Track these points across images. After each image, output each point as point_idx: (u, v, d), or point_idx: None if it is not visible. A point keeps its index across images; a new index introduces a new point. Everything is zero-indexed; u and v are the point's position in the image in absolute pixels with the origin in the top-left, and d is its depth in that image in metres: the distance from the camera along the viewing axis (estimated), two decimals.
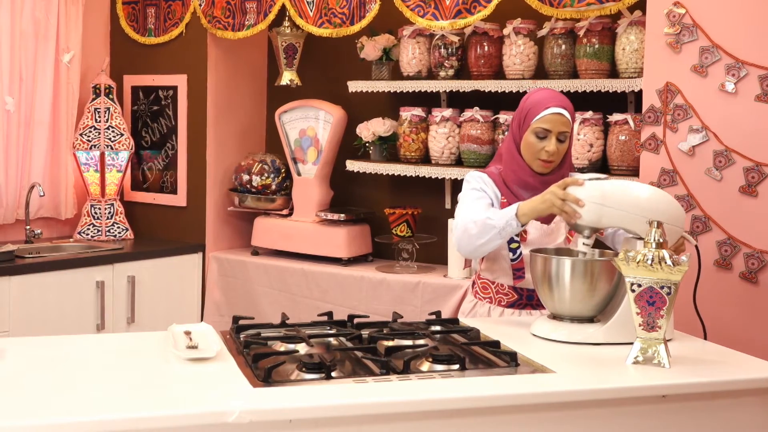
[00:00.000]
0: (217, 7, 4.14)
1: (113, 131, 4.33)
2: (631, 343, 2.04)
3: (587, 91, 3.28)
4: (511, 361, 1.97)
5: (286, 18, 4.04)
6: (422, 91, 3.70)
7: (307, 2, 3.84)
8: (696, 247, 2.36)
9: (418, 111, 3.72)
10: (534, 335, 2.27)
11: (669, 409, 1.88)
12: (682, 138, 2.84)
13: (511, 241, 2.47)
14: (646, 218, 2.12)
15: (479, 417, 1.77)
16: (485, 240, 2.36)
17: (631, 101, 3.30)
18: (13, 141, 4.05)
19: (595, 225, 2.23)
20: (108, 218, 4.35)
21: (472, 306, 2.63)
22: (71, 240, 4.27)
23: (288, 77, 4.14)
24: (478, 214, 2.39)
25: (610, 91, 3.23)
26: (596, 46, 3.25)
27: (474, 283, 2.68)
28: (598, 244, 2.47)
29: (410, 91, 3.73)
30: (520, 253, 2.49)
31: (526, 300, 2.54)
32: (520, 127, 2.49)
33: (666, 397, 1.87)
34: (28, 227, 4.09)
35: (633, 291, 1.99)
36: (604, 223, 2.22)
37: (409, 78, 3.76)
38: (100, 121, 4.31)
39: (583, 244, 2.26)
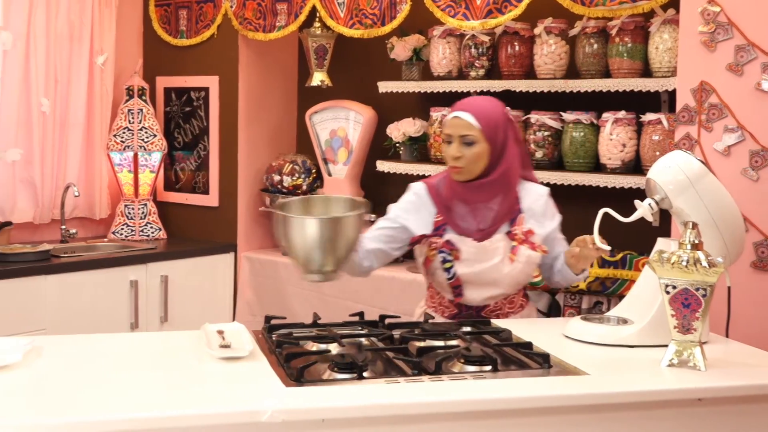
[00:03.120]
0: (248, 9, 4.17)
1: (146, 132, 4.37)
2: (666, 346, 2.01)
3: (620, 90, 3.25)
4: (543, 362, 1.96)
5: (317, 19, 4.05)
6: (453, 91, 3.70)
7: (338, 3, 3.85)
8: None
9: (449, 111, 3.71)
10: (566, 337, 2.25)
11: (705, 413, 1.86)
12: (717, 138, 2.81)
13: (444, 261, 2.43)
14: (714, 219, 2.11)
15: (512, 419, 1.76)
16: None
17: (664, 101, 3.27)
18: (49, 142, 4.11)
19: (670, 196, 2.19)
20: (141, 218, 4.39)
21: (421, 312, 2.61)
22: (105, 240, 4.32)
23: (318, 78, 4.16)
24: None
25: (643, 90, 3.20)
26: (629, 45, 3.22)
27: (428, 288, 2.63)
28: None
29: (440, 91, 3.72)
30: (455, 273, 2.44)
31: (466, 315, 2.50)
32: None
33: (702, 400, 1.85)
34: (63, 227, 4.14)
35: (668, 293, 1.97)
36: (678, 202, 2.18)
37: (439, 78, 3.75)
38: (133, 123, 4.36)
39: (649, 204, 2.22)
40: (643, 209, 2.23)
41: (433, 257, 2.45)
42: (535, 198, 2.51)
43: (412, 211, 2.51)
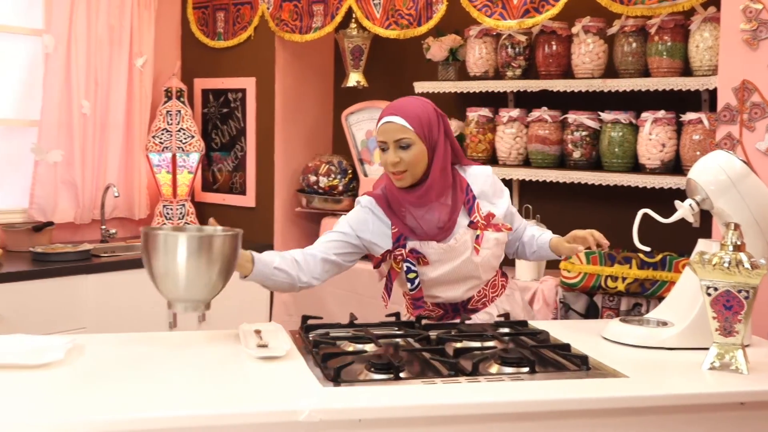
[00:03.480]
0: (285, 11, 4.19)
1: (184, 133, 4.41)
2: (707, 349, 1.99)
3: (659, 90, 3.21)
4: (581, 364, 1.94)
5: (353, 20, 4.06)
6: (489, 91, 3.68)
7: (374, 4, 3.85)
8: None
9: (485, 111, 3.70)
10: (605, 339, 2.23)
11: (747, 417, 1.83)
12: (760, 137, 2.76)
13: (408, 271, 2.38)
14: (757, 220, 2.09)
15: (549, 421, 1.75)
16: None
17: (705, 100, 3.22)
18: (89, 143, 4.17)
19: (712, 197, 2.16)
20: (179, 218, 4.44)
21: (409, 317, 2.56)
22: None
23: (354, 79, 4.17)
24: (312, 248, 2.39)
25: (683, 89, 3.16)
26: (668, 43, 3.18)
27: (404, 294, 2.58)
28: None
29: (477, 91, 3.71)
30: (419, 283, 2.40)
31: (452, 312, 2.47)
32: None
33: (744, 404, 1.82)
34: (103, 227, 4.20)
35: (709, 295, 1.94)
36: (720, 203, 2.16)
37: (475, 78, 3.74)
38: (171, 124, 4.40)
39: (690, 205, 2.20)
40: (684, 210, 2.20)
41: (399, 269, 2.40)
42: (483, 180, 2.47)
43: (368, 224, 2.43)
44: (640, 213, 2.26)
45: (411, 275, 2.39)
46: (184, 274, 2.00)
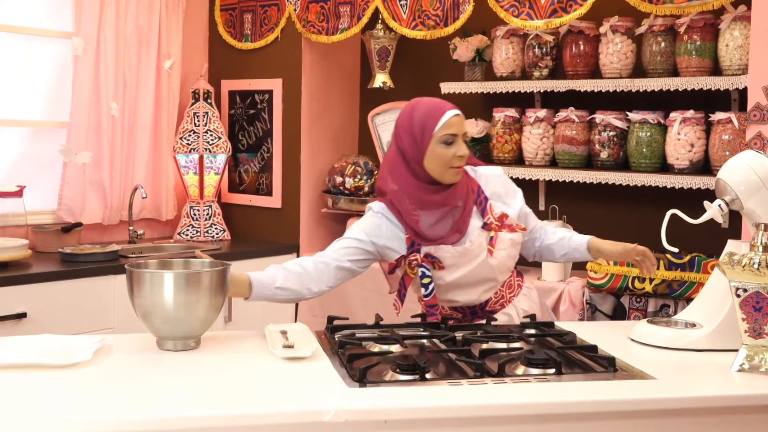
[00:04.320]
0: (312, 12, 4.20)
1: (211, 135, 4.44)
2: (736, 350, 1.96)
3: (688, 89, 3.18)
4: (609, 366, 1.93)
5: (380, 21, 4.06)
6: (516, 91, 3.67)
7: (401, 5, 3.86)
8: None
9: (512, 112, 3.68)
10: (632, 340, 2.21)
11: None
12: None
13: (423, 276, 2.35)
14: None
15: (576, 422, 1.74)
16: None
17: (735, 99, 3.19)
18: (118, 145, 4.20)
19: (741, 197, 2.14)
20: (206, 219, 4.46)
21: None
22: (171, 240, 4.40)
23: (381, 79, 4.17)
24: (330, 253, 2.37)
25: (713, 89, 3.12)
26: (698, 42, 3.15)
27: (419, 300, 2.54)
28: None
29: (503, 91, 3.70)
30: (433, 289, 2.36)
31: (471, 315, 2.45)
32: (417, 145, 2.34)
33: None
34: (131, 228, 4.24)
35: (738, 296, 1.92)
36: (750, 203, 2.13)
37: (502, 78, 3.73)
38: (198, 125, 4.43)
39: (719, 206, 2.17)
40: (713, 210, 2.18)
41: (414, 274, 2.38)
42: (495, 181, 2.46)
43: (382, 229, 2.40)
44: (668, 214, 2.24)
45: (425, 280, 2.36)
46: (172, 312, 1.98)
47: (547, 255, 2.60)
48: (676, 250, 2.33)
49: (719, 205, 2.18)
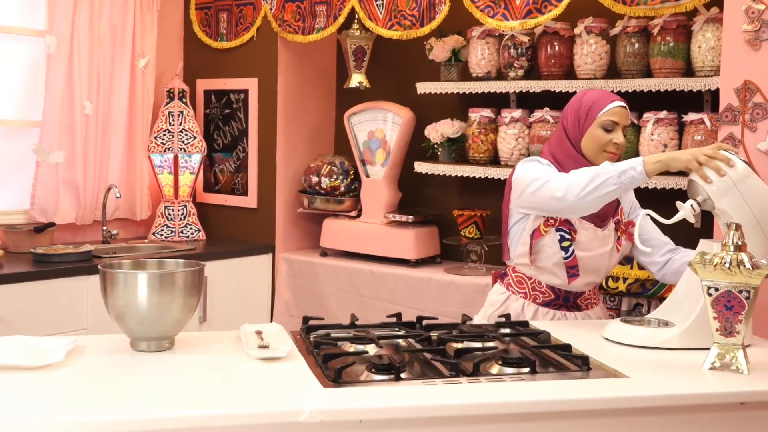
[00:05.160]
0: (288, 11, 4.19)
1: (186, 134, 4.42)
2: (707, 349, 1.98)
3: (661, 90, 3.21)
4: (582, 365, 1.94)
5: (356, 21, 4.06)
6: (491, 92, 3.68)
7: (377, 5, 3.86)
8: None
9: (488, 112, 3.70)
10: (606, 339, 2.23)
11: (747, 417, 1.83)
12: (761, 138, 2.76)
13: (562, 239, 2.45)
14: (758, 221, 2.08)
15: (550, 421, 1.75)
16: (597, 184, 2.21)
17: (707, 100, 3.22)
18: (91, 144, 4.17)
19: (713, 197, 2.16)
20: (181, 219, 4.44)
21: (505, 299, 2.59)
22: (146, 241, 4.37)
23: (357, 79, 4.17)
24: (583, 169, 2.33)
25: (686, 90, 3.16)
26: (671, 44, 3.18)
27: (506, 274, 2.62)
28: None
29: (479, 92, 3.71)
30: (573, 251, 2.46)
31: (563, 301, 2.54)
32: (580, 124, 2.50)
33: (744, 404, 1.82)
34: (105, 228, 4.20)
35: (710, 295, 1.94)
36: (721, 203, 2.16)
37: (478, 79, 3.74)
38: (173, 125, 4.41)
39: (691, 206, 2.19)
40: (685, 211, 2.20)
41: (546, 232, 2.46)
42: (631, 193, 2.62)
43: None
44: (641, 214, 2.26)
45: (565, 243, 2.45)
46: (146, 313, 1.97)
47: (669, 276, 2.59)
48: (648, 250, 2.35)
49: (691, 206, 2.20)
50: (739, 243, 1.93)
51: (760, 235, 2.15)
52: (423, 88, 3.86)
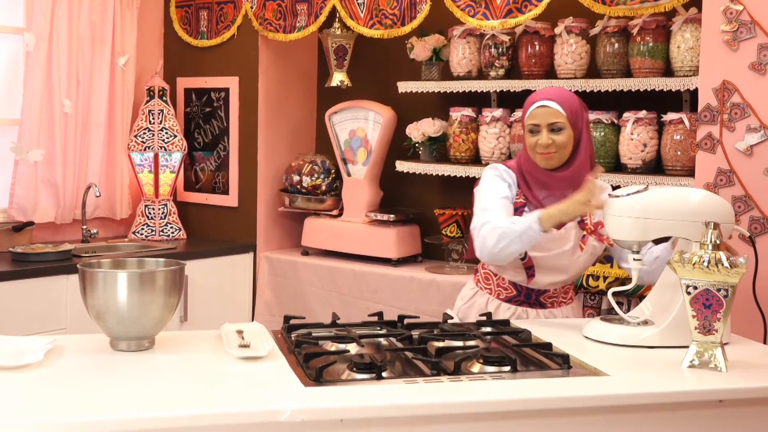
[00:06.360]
0: (269, 10, 4.18)
1: (167, 133, 4.39)
2: (687, 347, 2.00)
3: (641, 90, 3.23)
4: (563, 363, 1.95)
5: (337, 19, 4.05)
6: (472, 91, 3.69)
7: (358, 3, 3.85)
8: (751, 238, 2.39)
9: (468, 111, 3.71)
10: (586, 337, 2.24)
11: (725, 415, 1.84)
12: (740, 137, 2.78)
13: None
14: (697, 222, 2.10)
15: (531, 419, 1.76)
16: (503, 245, 2.35)
17: (686, 100, 3.24)
18: (71, 142, 4.14)
19: (643, 239, 2.20)
20: (161, 218, 4.42)
21: (473, 294, 2.67)
22: (126, 240, 4.35)
23: (338, 78, 4.16)
24: (497, 219, 2.40)
25: (665, 90, 3.18)
26: (650, 44, 3.20)
27: (477, 270, 2.70)
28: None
29: (460, 91, 3.72)
30: (526, 253, 2.48)
31: (524, 297, 2.58)
32: (523, 129, 2.55)
33: (723, 402, 1.83)
34: (84, 227, 4.17)
35: (688, 293, 1.96)
36: (651, 235, 2.19)
37: (459, 78, 3.75)
38: (154, 123, 4.38)
39: (634, 260, 2.23)
40: (633, 266, 2.25)
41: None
42: (605, 191, 2.56)
43: (507, 179, 2.55)
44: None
45: None
46: (126, 312, 1.96)
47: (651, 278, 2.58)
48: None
49: (633, 259, 2.24)
50: (717, 242, 1.95)
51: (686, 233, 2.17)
52: (404, 87, 3.86)
